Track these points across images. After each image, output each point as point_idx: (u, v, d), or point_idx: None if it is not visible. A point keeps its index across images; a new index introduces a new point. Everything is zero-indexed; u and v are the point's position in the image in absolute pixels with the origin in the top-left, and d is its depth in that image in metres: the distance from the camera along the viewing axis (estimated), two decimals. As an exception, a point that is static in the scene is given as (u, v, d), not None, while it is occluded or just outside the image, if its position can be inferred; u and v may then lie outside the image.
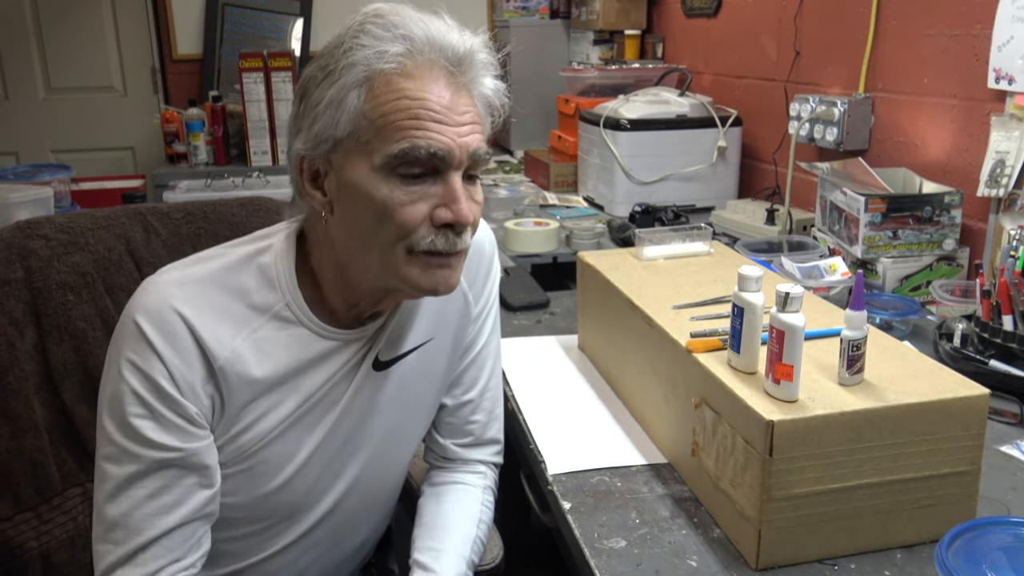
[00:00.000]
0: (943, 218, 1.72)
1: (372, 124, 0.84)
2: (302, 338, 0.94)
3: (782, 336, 0.93)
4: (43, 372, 1.11)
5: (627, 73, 3.05)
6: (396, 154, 0.84)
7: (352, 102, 0.84)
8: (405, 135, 0.84)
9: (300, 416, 0.95)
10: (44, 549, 1.10)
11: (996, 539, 0.87)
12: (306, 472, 0.98)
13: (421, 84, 0.85)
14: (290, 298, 0.93)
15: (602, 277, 1.37)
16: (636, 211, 2.32)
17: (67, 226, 1.16)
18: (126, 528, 0.88)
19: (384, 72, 0.84)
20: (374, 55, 0.84)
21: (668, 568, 0.94)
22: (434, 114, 0.84)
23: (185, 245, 1.22)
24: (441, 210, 0.87)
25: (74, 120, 3.86)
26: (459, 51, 0.87)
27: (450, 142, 0.85)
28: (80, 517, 1.14)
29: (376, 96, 0.84)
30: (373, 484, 1.08)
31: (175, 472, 0.89)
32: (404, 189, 0.85)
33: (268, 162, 3.21)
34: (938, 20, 1.86)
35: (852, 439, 0.91)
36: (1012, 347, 1.30)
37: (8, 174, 2.66)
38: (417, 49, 0.85)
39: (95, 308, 1.14)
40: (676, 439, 1.12)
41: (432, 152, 0.84)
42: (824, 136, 2.13)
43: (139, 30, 3.84)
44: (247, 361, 0.90)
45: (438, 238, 0.87)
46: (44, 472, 1.10)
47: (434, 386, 1.09)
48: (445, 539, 1.05)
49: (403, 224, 0.86)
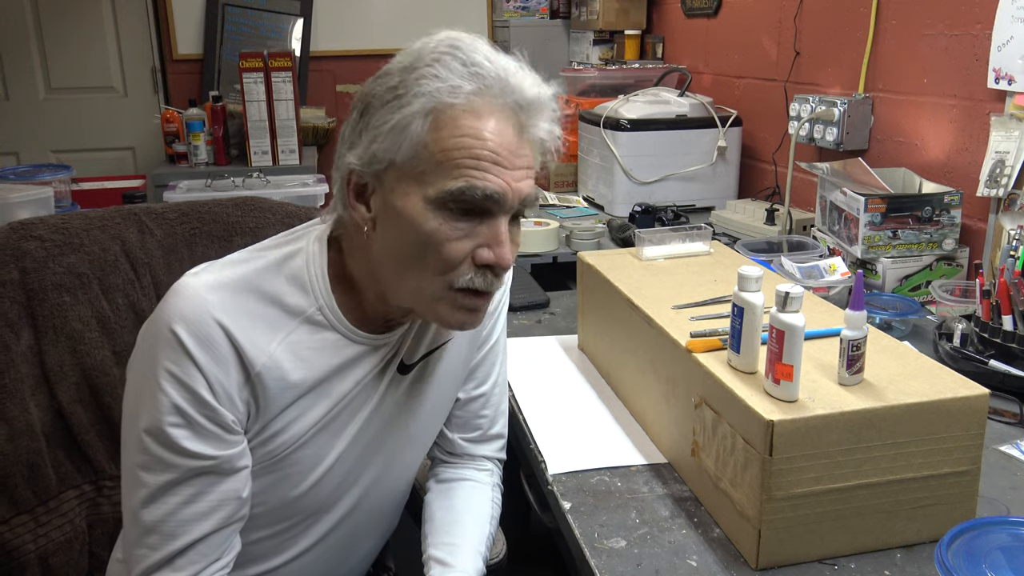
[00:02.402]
0: (943, 218, 1.72)
1: (432, 156, 0.84)
2: (333, 342, 0.94)
3: (782, 336, 0.93)
4: (39, 374, 1.11)
5: (627, 73, 3.05)
6: (452, 191, 0.84)
7: (416, 130, 0.84)
8: (463, 173, 0.83)
9: (330, 420, 0.96)
10: (41, 551, 1.10)
11: (996, 539, 0.87)
12: (331, 475, 0.98)
13: (486, 124, 0.84)
14: (323, 302, 0.93)
15: (602, 277, 1.37)
16: (636, 211, 2.32)
17: (61, 227, 1.15)
18: (162, 533, 0.88)
19: (453, 107, 0.84)
20: (447, 89, 0.83)
21: (668, 568, 0.94)
22: (494, 156, 0.84)
23: (180, 245, 1.22)
24: (484, 250, 0.87)
25: (74, 120, 3.86)
26: (528, 97, 0.86)
27: (506, 186, 0.85)
28: (77, 520, 1.13)
29: (440, 129, 0.84)
30: (389, 485, 1.08)
31: (210, 479, 0.89)
32: (452, 225, 0.85)
33: (268, 162, 3.20)
34: (938, 20, 1.86)
35: (852, 439, 0.91)
36: (1012, 347, 1.31)
37: (8, 174, 2.66)
38: (488, 88, 0.85)
39: (91, 309, 1.14)
40: (676, 439, 1.12)
41: (488, 195, 0.84)
42: (824, 136, 2.13)
43: (139, 30, 3.84)
44: (283, 366, 0.90)
45: (477, 277, 0.88)
46: (41, 474, 1.10)
47: (453, 383, 1.10)
48: (461, 535, 1.06)
49: (446, 259, 0.86)
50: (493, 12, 3.98)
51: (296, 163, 3.21)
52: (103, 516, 1.17)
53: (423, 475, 1.18)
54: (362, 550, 1.13)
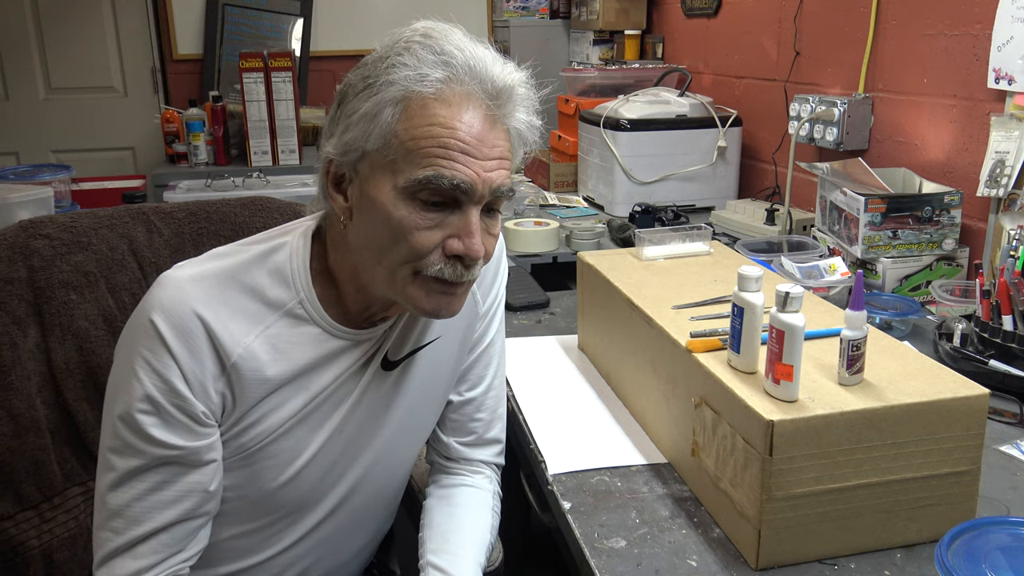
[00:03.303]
0: (943, 218, 1.72)
1: (402, 145, 0.85)
2: (314, 336, 0.94)
3: (782, 336, 0.93)
4: (45, 371, 1.11)
5: (627, 73, 3.05)
6: (420, 180, 0.84)
7: (386, 119, 0.85)
8: (432, 163, 0.84)
9: (308, 413, 0.96)
10: (45, 548, 1.10)
11: (996, 539, 0.87)
12: (312, 469, 0.99)
13: (455, 113, 0.84)
14: (304, 296, 0.94)
15: (602, 277, 1.37)
16: (636, 211, 2.32)
17: (70, 225, 1.16)
18: (126, 518, 0.89)
19: (421, 95, 0.84)
20: (415, 76, 0.84)
21: (668, 568, 0.94)
22: (463, 145, 0.84)
23: (188, 245, 1.22)
24: (454, 241, 0.87)
25: (74, 120, 3.86)
26: (498, 84, 0.86)
27: (475, 176, 0.85)
28: (81, 516, 1.14)
29: (410, 118, 0.84)
30: (378, 483, 1.08)
31: (176, 468, 0.90)
32: (422, 214, 0.86)
33: (268, 162, 3.21)
34: (938, 20, 1.86)
35: (852, 439, 0.91)
36: (1012, 347, 1.31)
37: (8, 174, 2.67)
38: (457, 77, 0.85)
39: (98, 308, 1.14)
40: (676, 439, 1.12)
41: (455, 184, 0.84)
42: (824, 136, 2.13)
43: (139, 30, 3.85)
44: (260, 358, 0.91)
45: (447, 267, 0.88)
46: (46, 471, 1.10)
47: (441, 384, 1.10)
48: (461, 544, 1.05)
49: (415, 248, 0.86)
50: (493, 12, 3.98)
51: (296, 163, 3.21)
52: None
53: (423, 481, 1.18)
54: (353, 547, 1.13)
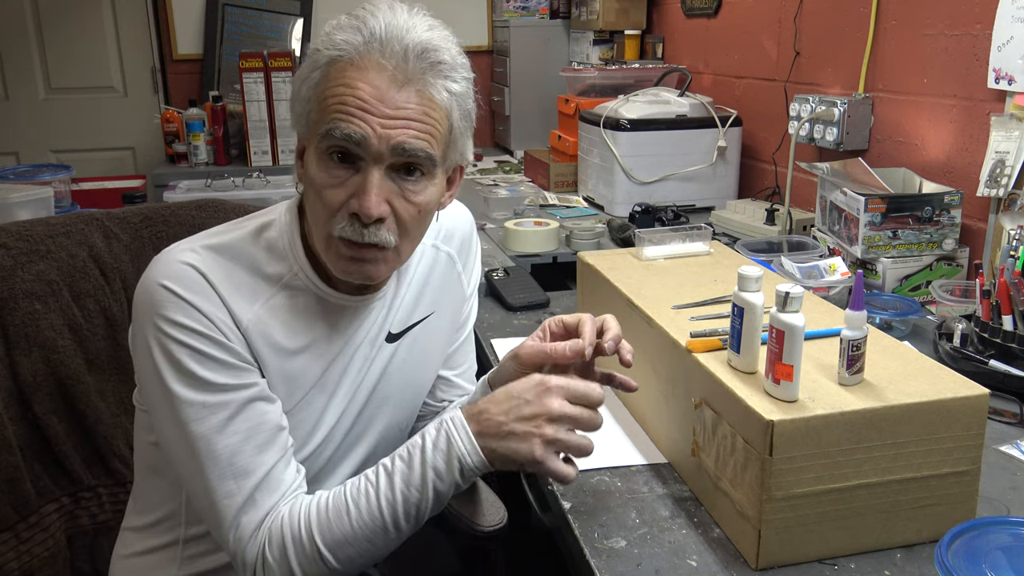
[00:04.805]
0: (943, 218, 1.72)
1: (319, 105, 0.90)
2: (314, 304, 0.98)
3: (782, 336, 0.93)
4: (12, 386, 1.09)
5: (627, 73, 3.05)
6: (321, 134, 0.88)
7: (312, 84, 0.90)
8: (331, 118, 0.88)
9: (325, 382, 1.00)
10: (26, 569, 1.08)
11: (996, 539, 0.87)
12: (332, 437, 1.03)
13: (362, 74, 0.88)
14: (298, 267, 0.97)
15: (602, 277, 1.37)
16: (636, 211, 2.32)
17: (25, 234, 1.14)
18: (235, 476, 0.90)
19: (339, 60, 0.89)
20: (339, 42, 0.89)
21: (668, 568, 0.94)
22: (360, 103, 0.88)
23: (147, 248, 1.22)
24: (353, 200, 0.90)
25: (74, 120, 3.85)
26: (409, 46, 0.89)
27: (368, 130, 0.87)
28: (58, 533, 1.11)
29: (326, 80, 0.89)
30: (389, 451, 1.09)
31: (259, 407, 0.92)
32: (329, 172, 0.90)
33: (268, 162, 3.21)
34: (938, 20, 1.86)
35: (852, 439, 0.91)
36: (1012, 347, 1.30)
37: (8, 174, 2.66)
38: (370, 41, 0.89)
39: (63, 317, 1.13)
40: (676, 439, 1.12)
41: (347, 135, 0.87)
42: (824, 136, 2.13)
43: (139, 30, 3.84)
44: (269, 325, 0.94)
45: (348, 226, 0.90)
46: (20, 490, 1.08)
47: (436, 358, 1.16)
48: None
49: (325, 205, 0.90)
50: (493, 12, 3.97)
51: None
52: (82, 528, 1.15)
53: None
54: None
